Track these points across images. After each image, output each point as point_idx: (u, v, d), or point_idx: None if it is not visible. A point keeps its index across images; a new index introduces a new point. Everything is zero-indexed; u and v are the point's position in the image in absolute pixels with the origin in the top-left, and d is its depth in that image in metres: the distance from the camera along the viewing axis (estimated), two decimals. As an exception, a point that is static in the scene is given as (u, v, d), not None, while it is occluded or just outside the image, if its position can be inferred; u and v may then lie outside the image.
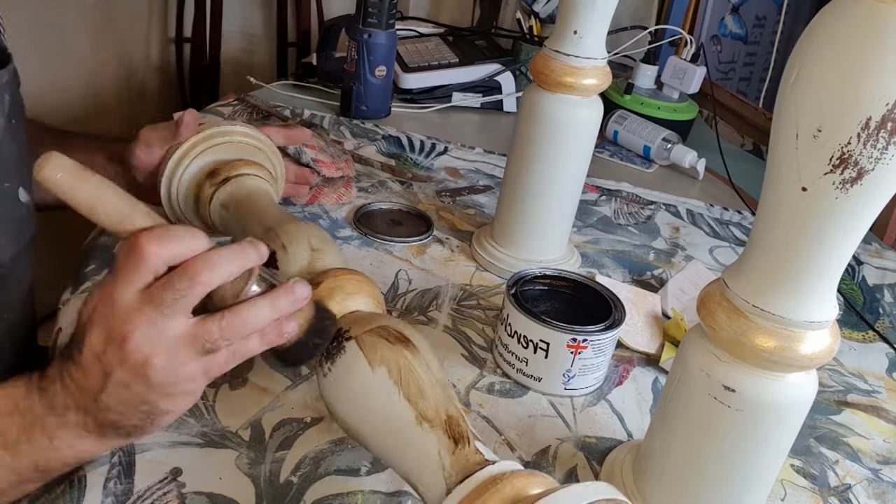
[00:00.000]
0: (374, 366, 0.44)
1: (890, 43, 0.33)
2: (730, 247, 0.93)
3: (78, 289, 0.66)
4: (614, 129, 1.16)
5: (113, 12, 1.59)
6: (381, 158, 1.01)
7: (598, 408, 0.62)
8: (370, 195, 0.91)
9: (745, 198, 1.06)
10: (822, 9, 0.36)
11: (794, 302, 0.40)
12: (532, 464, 0.55)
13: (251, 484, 0.50)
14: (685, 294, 0.78)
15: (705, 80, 1.19)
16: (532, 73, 0.73)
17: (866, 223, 0.38)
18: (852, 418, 0.66)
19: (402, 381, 0.44)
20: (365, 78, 1.09)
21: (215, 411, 0.55)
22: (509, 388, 0.63)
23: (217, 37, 1.76)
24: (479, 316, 0.71)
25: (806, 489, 0.57)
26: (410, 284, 0.74)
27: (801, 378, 0.43)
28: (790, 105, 0.37)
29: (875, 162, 0.35)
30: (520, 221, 0.77)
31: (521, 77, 1.27)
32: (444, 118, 1.21)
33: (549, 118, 0.72)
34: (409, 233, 0.83)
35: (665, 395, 0.48)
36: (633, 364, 0.68)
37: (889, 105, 0.33)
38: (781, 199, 0.39)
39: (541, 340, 0.60)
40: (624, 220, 0.96)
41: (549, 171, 0.74)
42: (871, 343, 0.78)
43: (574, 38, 0.69)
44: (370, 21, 1.06)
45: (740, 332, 0.41)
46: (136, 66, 1.71)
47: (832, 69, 0.35)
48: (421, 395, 0.43)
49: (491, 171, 1.03)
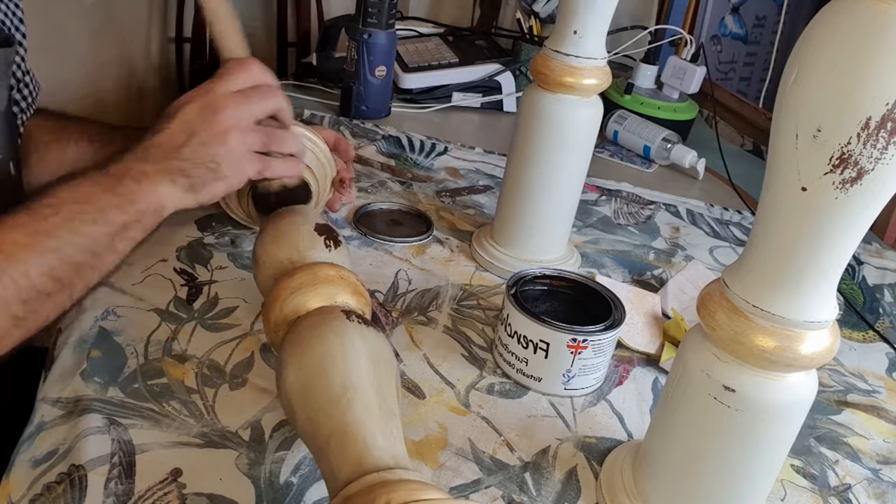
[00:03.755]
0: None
1: (890, 43, 0.33)
2: (730, 247, 0.93)
3: (78, 289, 0.66)
4: (614, 129, 1.16)
5: (113, 12, 1.59)
6: (380, 158, 1.01)
7: (598, 408, 0.62)
8: (370, 195, 0.91)
9: (745, 198, 1.06)
10: (821, 9, 0.36)
11: (794, 302, 0.40)
12: (532, 464, 0.55)
13: (251, 484, 0.50)
14: (685, 294, 0.78)
15: (705, 80, 1.19)
16: (532, 73, 0.73)
17: (866, 223, 0.38)
18: (852, 418, 0.66)
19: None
20: (365, 78, 1.09)
21: (215, 412, 0.55)
22: (509, 389, 0.63)
23: (217, 37, 1.76)
24: (479, 316, 0.71)
25: (806, 489, 0.57)
26: (410, 284, 0.74)
27: (801, 378, 0.43)
28: (790, 105, 0.37)
29: (875, 162, 0.35)
30: (520, 221, 0.77)
31: (521, 77, 1.27)
32: (444, 118, 1.21)
33: (549, 118, 0.72)
34: (408, 233, 0.83)
35: (665, 395, 0.48)
36: (633, 364, 0.68)
37: (889, 105, 0.33)
38: (781, 199, 0.39)
39: (541, 340, 0.60)
40: (624, 220, 0.96)
41: (549, 171, 0.74)
42: (871, 343, 0.78)
43: (574, 38, 0.69)
44: (370, 21, 1.06)
45: (740, 332, 0.41)
46: (136, 66, 1.71)
47: (832, 69, 0.34)
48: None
49: (491, 171, 1.03)
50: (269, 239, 0.59)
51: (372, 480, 0.38)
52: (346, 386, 0.44)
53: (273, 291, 0.54)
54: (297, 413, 0.45)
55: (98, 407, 0.53)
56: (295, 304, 0.52)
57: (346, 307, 0.52)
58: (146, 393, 0.56)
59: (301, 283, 0.53)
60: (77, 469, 0.48)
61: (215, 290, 0.68)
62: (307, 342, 0.48)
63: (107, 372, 0.57)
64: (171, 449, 0.51)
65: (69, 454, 0.49)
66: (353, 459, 0.40)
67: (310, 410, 0.44)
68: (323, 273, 0.54)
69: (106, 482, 0.48)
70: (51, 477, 0.48)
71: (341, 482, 0.39)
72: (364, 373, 0.45)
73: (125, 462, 0.49)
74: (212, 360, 0.60)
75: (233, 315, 0.65)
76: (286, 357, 0.48)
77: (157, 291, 0.67)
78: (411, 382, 0.61)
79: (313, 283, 0.53)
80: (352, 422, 0.42)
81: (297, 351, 0.48)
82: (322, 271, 0.54)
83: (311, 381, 0.45)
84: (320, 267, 0.54)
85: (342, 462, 0.41)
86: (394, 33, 1.09)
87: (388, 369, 0.47)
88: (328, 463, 0.42)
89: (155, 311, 0.64)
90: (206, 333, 0.63)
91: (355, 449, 0.41)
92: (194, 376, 0.58)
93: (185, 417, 0.54)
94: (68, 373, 0.57)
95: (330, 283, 0.53)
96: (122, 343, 0.60)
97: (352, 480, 0.39)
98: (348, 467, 0.40)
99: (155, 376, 0.57)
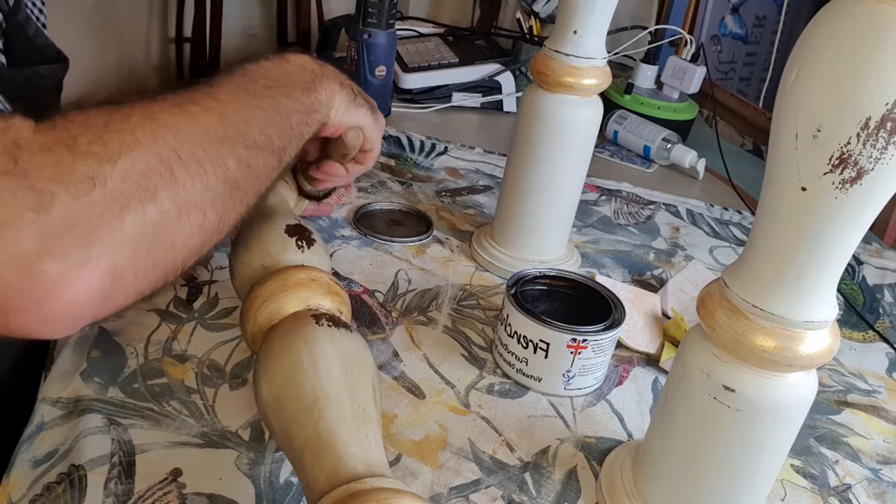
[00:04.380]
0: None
1: (890, 43, 0.33)
2: (730, 247, 0.93)
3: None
4: (614, 129, 1.16)
5: (113, 12, 1.59)
6: (381, 158, 1.01)
7: (598, 408, 0.62)
8: (370, 195, 0.91)
9: (745, 198, 1.06)
10: (821, 9, 0.36)
11: (794, 302, 0.40)
12: (532, 464, 0.55)
13: (251, 484, 0.50)
14: (685, 294, 0.78)
15: (705, 80, 1.19)
16: (532, 73, 0.73)
17: (866, 223, 0.38)
18: (852, 418, 0.66)
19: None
20: (365, 78, 1.09)
21: (215, 411, 0.55)
22: (509, 389, 0.63)
23: (217, 37, 1.77)
24: (479, 316, 0.71)
25: (806, 489, 0.57)
26: (410, 284, 0.74)
27: (801, 378, 0.43)
28: (790, 105, 0.37)
29: (875, 162, 0.35)
30: (520, 221, 0.77)
31: (521, 77, 1.27)
32: (444, 118, 1.21)
33: (549, 118, 0.72)
34: (408, 233, 0.83)
35: (665, 395, 0.48)
36: (633, 364, 0.68)
37: (889, 105, 0.33)
38: (781, 199, 0.39)
39: (541, 340, 0.60)
40: (624, 220, 0.96)
41: (549, 171, 0.74)
42: (871, 343, 0.78)
43: (574, 37, 0.69)
44: (370, 21, 1.06)
45: (740, 332, 0.41)
46: (136, 66, 1.71)
47: (832, 69, 0.34)
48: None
49: (491, 171, 1.03)
50: (241, 247, 0.58)
51: (340, 494, 0.38)
52: (316, 395, 0.44)
53: (246, 301, 0.53)
54: (273, 425, 0.46)
55: (98, 407, 0.53)
56: (269, 312, 0.52)
57: (318, 311, 0.51)
58: (146, 393, 0.56)
59: (273, 291, 0.52)
60: (77, 469, 0.48)
61: (215, 290, 0.68)
62: (278, 353, 0.47)
63: (107, 372, 0.57)
64: (170, 449, 0.51)
65: (69, 454, 0.49)
66: (328, 469, 0.40)
67: (284, 422, 0.44)
68: (293, 278, 0.53)
69: (105, 482, 0.48)
70: (51, 477, 0.48)
71: (317, 494, 0.39)
72: (335, 379, 0.45)
73: (125, 462, 0.49)
74: (212, 360, 0.60)
75: (233, 315, 0.65)
76: (259, 371, 0.48)
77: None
78: (411, 382, 0.61)
79: (284, 290, 0.52)
80: (324, 430, 0.42)
81: (268, 364, 0.47)
82: (293, 276, 0.53)
83: (283, 392, 0.45)
84: (291, 271, 0.53)
85: (317, 472, 0.40)
86: (394, 33, 1.09)
87: (362, 371, 0.47)
88: (304, 474, 0.42)
89: (155, 311, 0.64)
90: (206, 333, 0.63)
91: (329, 459, 0.41)
92: (194, 376, 0.58)
93: (185, 417, 0.54)
94: (68, 373, 0.57)
95: (301, 286, 0.52)
96: (122, 343, 0.60)
97: (326, 492, 0.39)
98: (323, 477, 0.40)
99: (155, 376, 0.57)
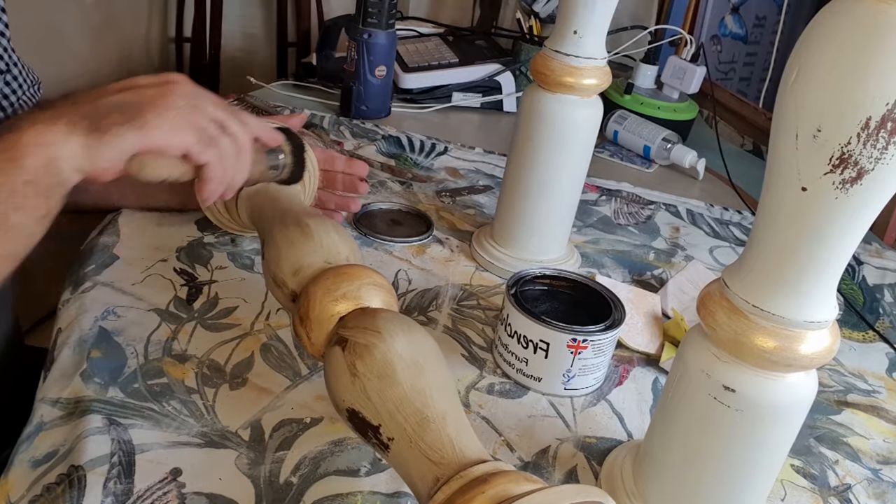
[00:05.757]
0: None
1: (890, 43, 0.33)
2: (730, 247, 0.93)
3: (78, 289, 0.66)
4: (614, 129, 1.16)
5: (113, 12, 1.59)
6: (380, 158, 1.01)
7: (598, 408, 0.62)
8: (370, 195, 0.90)
9: (745, 198, 1.06)
10: (822, 9, 0.36)
11: (794, 302, 0.40)
12: (532, 464, 0.55)
13: (251, 484, 0.50)
14: (685, 294, 0.78)
15: (705, 80, 1.19)
16: (532, 73, 0.73)
17: (866, 223, 0.38)
18: (852, 418, 0.66)
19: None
20: (365, 78, 1.10)
21: (215, 411, 0.55)
22: (509, 389, 0.63)
23: (217, 37, 1.77)
24: (479, 316, 0.71)
25: (806, 489, 0.57)
26: (410, 284, 0.74)
27: (801, 378, 0.43)
28: (790, 105, 0.37)
29: (875, 162, 0.35)
30: (520, 221, 0.77)
31: (521, 77, 1.27)
32: (444, 118, 1.21)
33: (549, 118, 0.72)
34: (408, 233, 0.83)
35: (665, 395, 0.48)
36: (633, 364, 0.68)
37: (889, 105, 0.33)
38: (781, 199, 0.39)
39: (541, 340, 0.60)
40: (624, 220, 0.96)
41: (549, 171, 0.74)
42: (871, 343, 0.78)
43: (574, 38, 0.69)
44: (370, 21, 1.06)
45: (740, 332, 0.41)
46: (136, 66, 1.71)
47: (832, 69, 0.34)
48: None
49: (491, 171, 1.03)
50: (288, 244, 0.56)
51: (489, 469, 0.39)
52: (448, 377, 0.45)
53: (331, 278, 0.52)
54: (400, 377, 0.44)
55: (98, 407, 0.53)
56: (364, 294, 0.51)
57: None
58: (146, 393, 0.56)
59: (368, 280, 0.52)
60: (76, 470, 0.48)
61: (215, 289, 0.68)
62: (414, 326, 0.48)
63: (107, 372, 0.57)
64: (170, 449, 0.51)
65: (69, 455, 0.49)
66: (471, 443, 0.41)
67: (422, 384, 0.44)
68: (378, 279, 0.53)
69: (105, 482, 0.48)
70: (51, 478, 0.48)
71: (462, 461, 0.40)
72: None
73: (125, 462, 0.49)
74: (212, 360, 0.60)
75: (233, 315, 0.65)
76: (392, 326, 0.47)
77: (157, 291, 0.67)
78: (411, 382, 0.61)
79: (376, 285, 0.52)
80: (453, 409, 0.43)
81: (405, 329, 0.47)
82: (377, 278, 0.53)
83: (425, 357, 0.45)
84: (372, 273, 0.53)
85: (466, 440, 0.41)
86: (394, 33, 1.09)
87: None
88: (438, 437, 0.41)
89: (155, 311, 0.64)
90: (206, 333, 0.63)
91: (463, 434, 0.42)
92: (194, 376, 0.58)
93: (185, 417, 0.54)
94: (68, 373, 0.57)
95: (381, 287, 0.52)
96: (122, 343, 0.60)
97: (474, 463, 0.39)
98: (472, 445, 0.41)
99: (155, 376, 0.57)
